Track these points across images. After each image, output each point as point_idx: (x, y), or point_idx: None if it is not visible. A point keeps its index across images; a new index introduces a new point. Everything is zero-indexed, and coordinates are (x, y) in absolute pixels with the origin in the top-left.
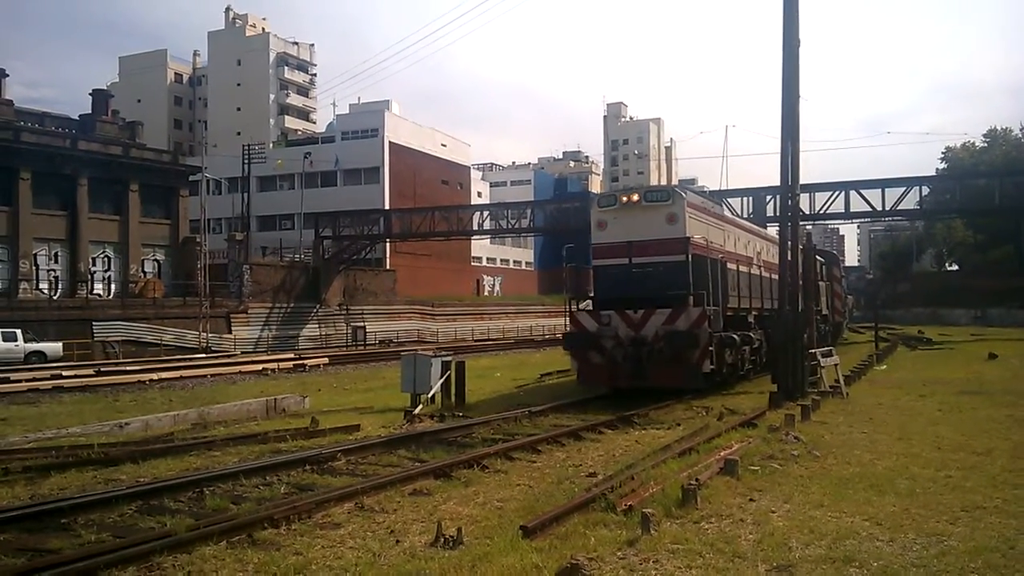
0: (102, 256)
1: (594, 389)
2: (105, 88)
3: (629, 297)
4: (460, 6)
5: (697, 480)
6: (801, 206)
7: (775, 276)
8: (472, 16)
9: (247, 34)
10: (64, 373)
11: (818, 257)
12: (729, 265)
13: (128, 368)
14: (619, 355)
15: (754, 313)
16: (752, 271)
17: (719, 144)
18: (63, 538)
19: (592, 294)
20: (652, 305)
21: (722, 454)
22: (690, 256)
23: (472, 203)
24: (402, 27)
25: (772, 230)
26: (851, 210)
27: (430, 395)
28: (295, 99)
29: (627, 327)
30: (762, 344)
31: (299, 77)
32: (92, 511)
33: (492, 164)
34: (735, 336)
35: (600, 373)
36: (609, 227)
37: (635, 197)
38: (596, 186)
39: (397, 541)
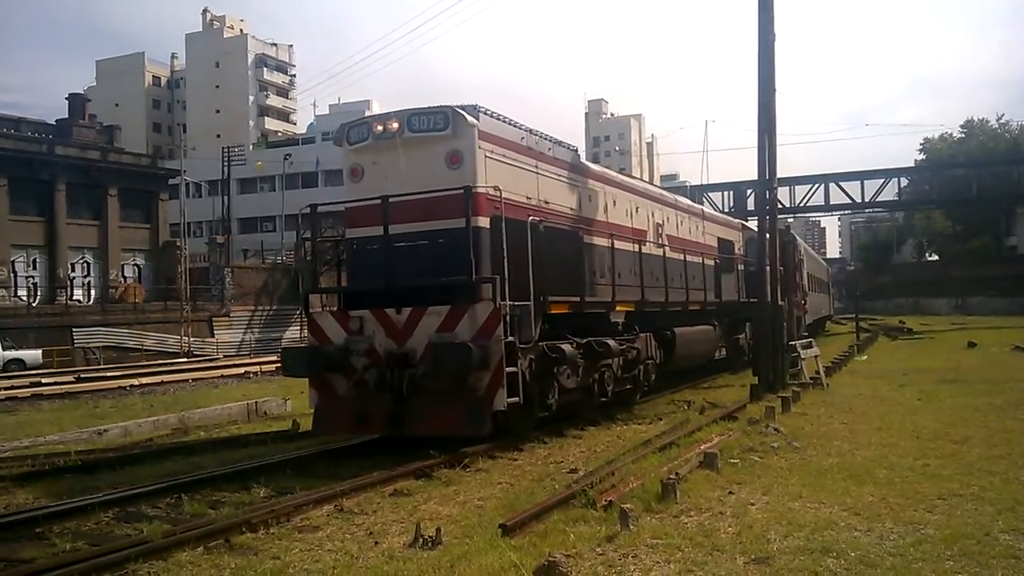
0: (81, 262)
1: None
2: (82, 92)
3: (392, 288)
4: (439, 3)
5: (677, 474)
6: (781, 199)
7: (690, 258)
8: (451, 13)
9: (225, 35)
10: (43, 380)
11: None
12: (589, 239)
13: (108, 374)
14: (372, 381)
15: (628, 309)
16: (640, 250)
17: (700, 139)
18: (37, 547)
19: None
20: (424, 301)
21: (702, 448)
22: (478, 219)
23: None
24: (381, 26)
25: (752, 223)
26: (831, 202)
27: None
28: (275, 100)
29: (387, 336)
30: (641, 353)
31: (278, 78)
32: (68, 519)
33: None
34: (566, 348)
35: (342, 412)
36: (366, 177)
37: (394, 124)
38: None
39: (376, 543)
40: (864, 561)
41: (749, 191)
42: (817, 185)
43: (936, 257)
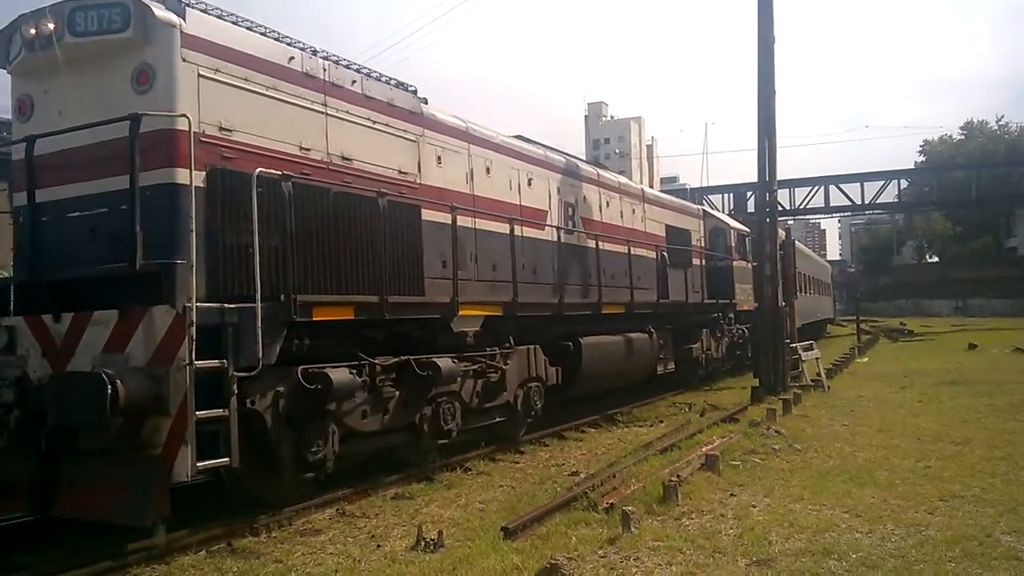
0: None
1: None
2: None
3: (51, 283)
4: (438, 7)
5: (678, 476)
6: (781, 201)
7: (609, 247)
8: (451, 17)
9: None
10: None
11: (736, 227)
12: (429, 215)
13: None
14: (11, 429)
15: (489, 313)
16: (512, 231)
17: (700, 141)
18: (38, 552)
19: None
20: (93, 303)
21: (703, 450)
22: (175, 172)
23: None
24: (378, 30)
25: (718, 213)
26: (831, 204)
27: None
28: None
29: (42, 357)
30: (513, 374)
31: None
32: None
33: None
34: (337, 375)
35: None
36: (36, 112)
37: (49, 25)
38: None
39: (378, 546)
40: (865, 563)
41: (749, 193)
42: (817, 187)
43: (936, 259)
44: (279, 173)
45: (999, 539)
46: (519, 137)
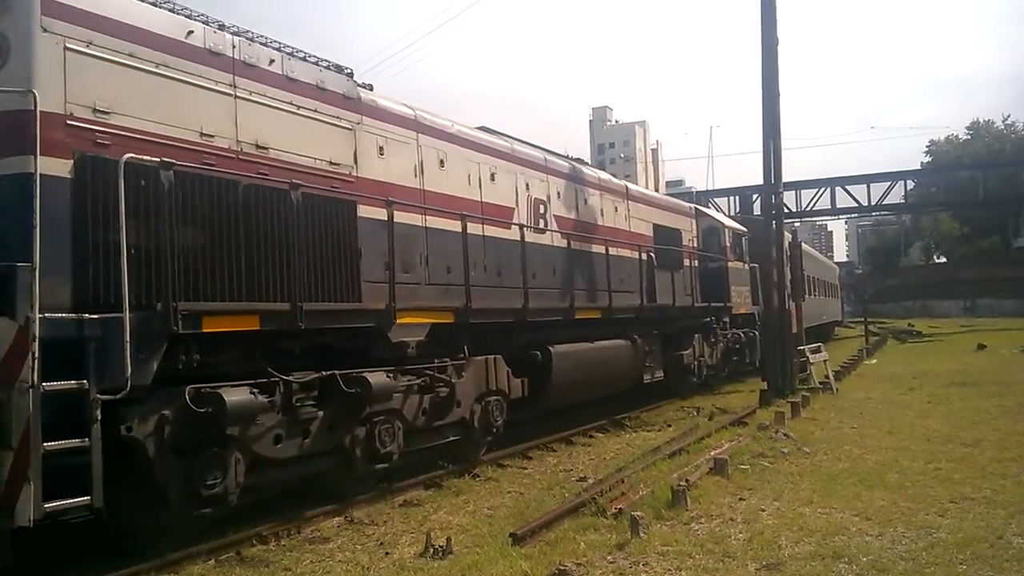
0: None
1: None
2: None
3: None
4: (441, 15)
5: (687, 481)
6: (787, 203)
7: (582, 247)
8: (454, 25)
9: None
10: None
11: (732, 226)
12: (370, 211)
13: None
14: None
15: (435, 320)
16: (466, 229)
17: (705, 145)
18: (47, 563)
19: None
20: None
21: (712, 454)
22: (25, 161)
23: None
24: (378, 40)
25: (710, 210)
26: (837, 206)
27: None
28: None
29: None
30: (467, 388)
31: None
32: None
33: None
34: (233, 397)
35: None
36: None
37: None
38: None
39: (386, 553)
40: (876, 566)
41: (755, 196)
42: (823, 189)
43: (944, 259)
44: (158, 160)
45: (1010, 541)
46: (483, 128)
